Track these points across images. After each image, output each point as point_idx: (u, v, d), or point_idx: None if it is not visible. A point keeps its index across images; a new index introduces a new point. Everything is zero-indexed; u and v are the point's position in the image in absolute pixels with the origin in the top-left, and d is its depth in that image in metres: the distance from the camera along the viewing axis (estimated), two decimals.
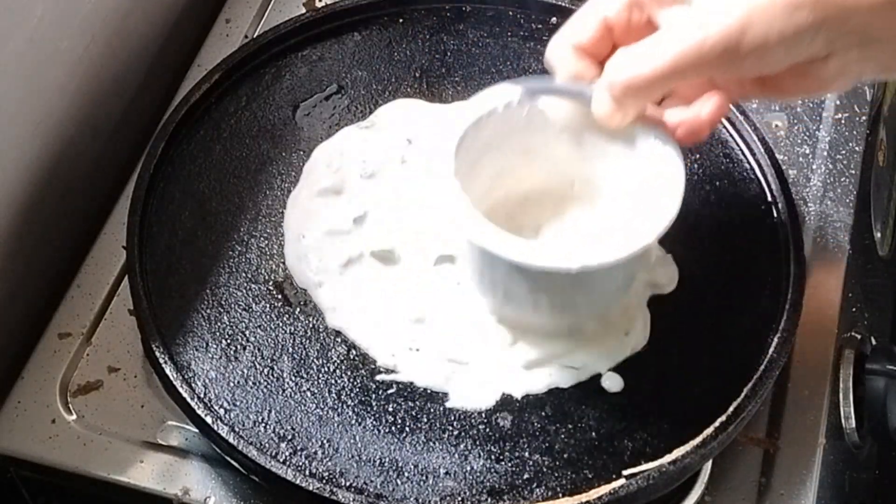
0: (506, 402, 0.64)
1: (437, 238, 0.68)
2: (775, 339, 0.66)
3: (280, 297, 0.68)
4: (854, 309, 0.75)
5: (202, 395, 0.64)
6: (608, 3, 0.59)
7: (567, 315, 0.65)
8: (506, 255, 0.59)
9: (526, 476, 0.62)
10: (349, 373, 0.65)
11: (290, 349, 0.66)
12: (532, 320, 0.65)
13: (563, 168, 0.66)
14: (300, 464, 0.62)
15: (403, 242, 0.69)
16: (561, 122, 0.64)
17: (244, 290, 0.68)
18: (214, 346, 0.66)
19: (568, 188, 0.67)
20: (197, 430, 0.65)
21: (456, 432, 0.63)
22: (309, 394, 0.65)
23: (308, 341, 0.67)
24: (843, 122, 0.80)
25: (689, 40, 0.55)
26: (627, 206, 0.63)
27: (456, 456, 0.63)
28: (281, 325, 0.67)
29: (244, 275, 0.69)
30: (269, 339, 0.67)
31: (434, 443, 0.63)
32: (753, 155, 0.73)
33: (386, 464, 0.62)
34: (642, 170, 0.61)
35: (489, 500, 0.61)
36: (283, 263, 0.69)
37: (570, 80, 0.60)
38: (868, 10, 0.53)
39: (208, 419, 0.62)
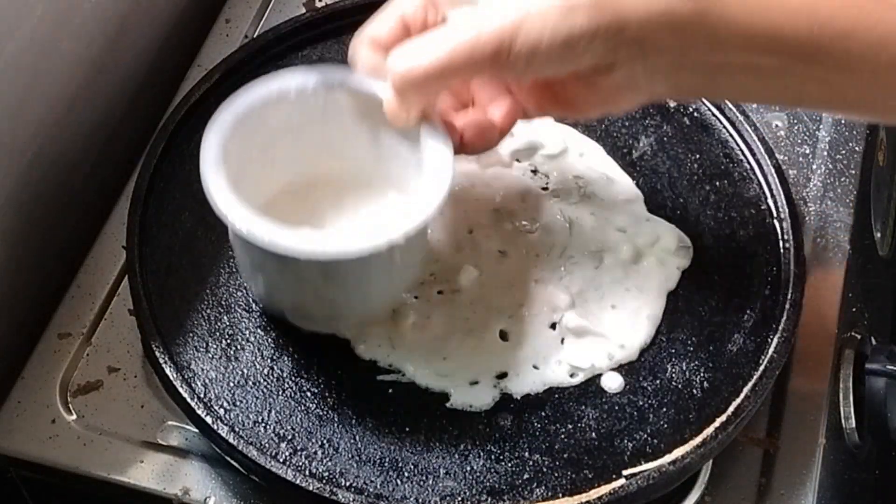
0: (506, 402, 0.64)
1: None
2: (775, 339, 0.66)
3: None
4: (854, 309, 0.75)
5: (202, 395, 0.64)
6: (407, 1, 0.60)
7: (325, 310, 0.65)
8: (248, 235, 0.58)
9: (526, 476, 0.62)
10: (349, 373, 0.65)
11: (290, 349, 0.66)
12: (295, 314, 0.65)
13: (355, 161, 0.66)
14: (300, 464, 0.62)
15: None
16: (358, 116, 0.64)
17: (244, 290, 0.68)
18: (214, 346, 0.66)
19: (363, 181, 0.67)
20: (197, 430, 0.65)
21: (456, 432, 0.63)
22: (309, 394, 0.65)
23: (308, 341, 0.66)
24: (843, 122, 0.80)
25: (464, 37, 0.55)
26: (405, 205, 0.62)
27: (456, 456, 0.63)
28: (281, 325, 0.67)
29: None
30: (269, 339, 0.67)
31: (434, 443, 0.63)
32: (753, 155, 0.73)
33: (386, 464, 0.62)
34: (422, 170, 0.61)
35: (489, 500, 0.61)
36: None
37: (367, 74, 0.61)
38: (644, 20, 0.53)
39: (208, 419, 0.62)
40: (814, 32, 0.53)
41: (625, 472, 0.61)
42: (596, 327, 0.66)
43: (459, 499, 0.61)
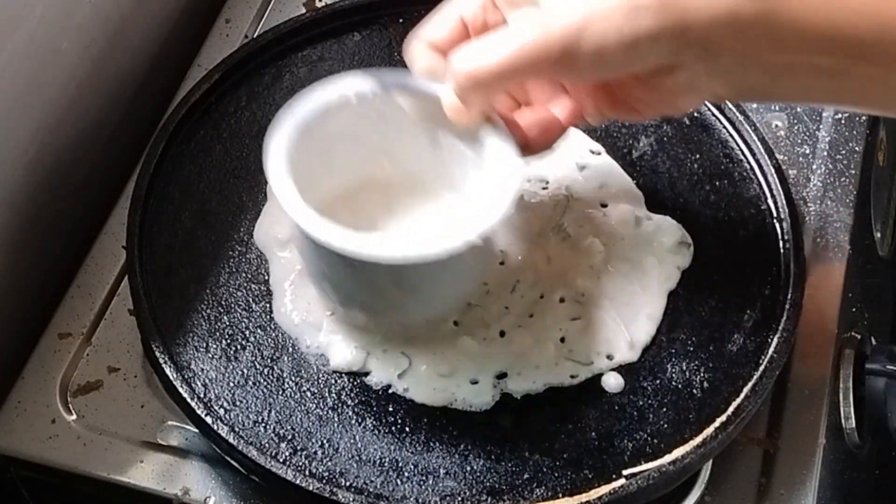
0: (506, 402, 0.64)
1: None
2: (775, 339, 0.66)
3: None
4: (854, 309, 0.75)
5: (202, 395, 0.64)
6: (465, 2, 0.60)
7: (392, 313, 0.65)
8: (325, 241, 0.58)
9: (526, 476, 0.62)
10: (349, 373, 0.65)
11: (290, 349, 0.66)
12: (360, 317, 0.65)
13: (413, 163, 0.66)
14: (300, 464, 0.62)
15: None
16: (416, 119, 0.63)
17: (244, 290, 0.68)
18: (214, 346, 0.66)
19: (417, 184, 0.67)
20: (197, 430, 0.65)
21: (456, 432, 0.63)
22: (309, 394, 0.65)
23: None
24: (843, 122, 0.80)
25: (530, 37, 0.55)
26: (467, 207, 0.62)
27: (456, 456, 0.63)
28: (281, 324, 0.67)
29: (244, 275, 0.69)
30: (269, 339, 0.67)
31: (434, 443, 0.63)
32: (753, 155, 0.73)
33: (386, 464, 0.62)
34: (486, 173, 0.61)
35: (489, 500, 0.61)
36: None
37: (425, 76, 0.61)
38: (709, 23, 0.53)
39: (208, 419, 0.62)
40: (875, 33, 0.53)
41: (625, 472, 0.61)
42: (596, 327, 0.66)
43: (459, 499, 0.61)
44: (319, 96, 0.63)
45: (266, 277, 0.69)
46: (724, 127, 0.75)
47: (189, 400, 0.63)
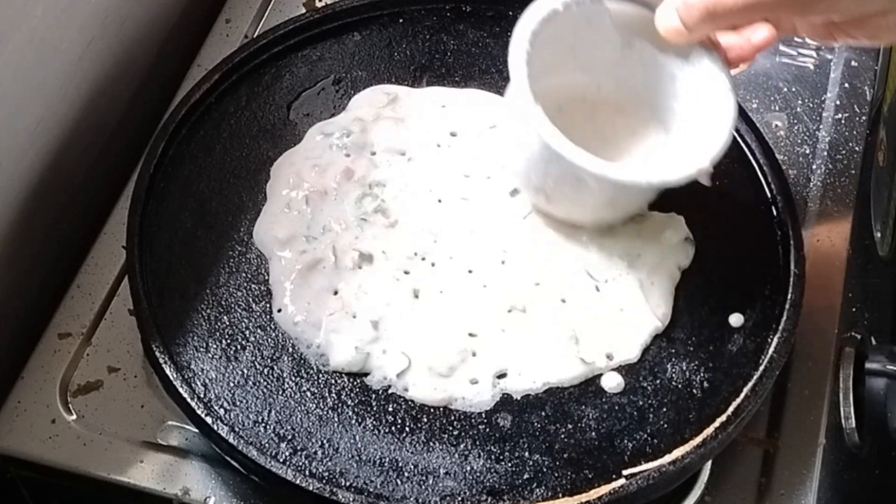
0: (506, 402, 0.64)
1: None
2: (775, 339, 0.66)
3: None
4: (854, 309, 0.75)
5: (202, 395, 0.64)
6: None
7: (606, 212, 0.68)
8: (585, 166, 0.61)
9: (526, 476, 0.62)
10: (349, 373, 0.65)
11: (290, 349, 0.66)
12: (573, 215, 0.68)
13: (607, 73, 0.67)
14: (300, 464, 0.62)
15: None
16: (623, 29, 0.65)
17: (244, 290, 0.68)
18: (214, 346, 0.66)
19: (613, 101, 0.69)
20: (197, 430, 0.65)
21: (456, 432, 0.63)
22: (309, 394, 0.65)
23: None
24: (843, 122, 0.80)
25: None
26: (676, 126, 0.65)
27: (456, 456, 0.63)
28: (281, 325, 0.67)
29: (244, 275, 0.69)
30: (269, 339, 0.67)
31: (434, 443, 0.63)
32: (753, 155, 0.73)
33: (386, 464, 0.62)
34: (689, 89, 0.63)
35: (489, 500, 0.61)
36: None
37: None
38: None
39: (208, 419, 0.62)
40: None
41: (625, 472, 0.61)
42: (597, 326, 0.66)
43: (459, 499, 0.61)
44: (541, 6, 0.64)
45: (266, 277, 0.69)
46: None
47: (189, 400, 0.63)
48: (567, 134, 0.63)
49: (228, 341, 0.66)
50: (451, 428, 0.64)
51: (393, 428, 0.63)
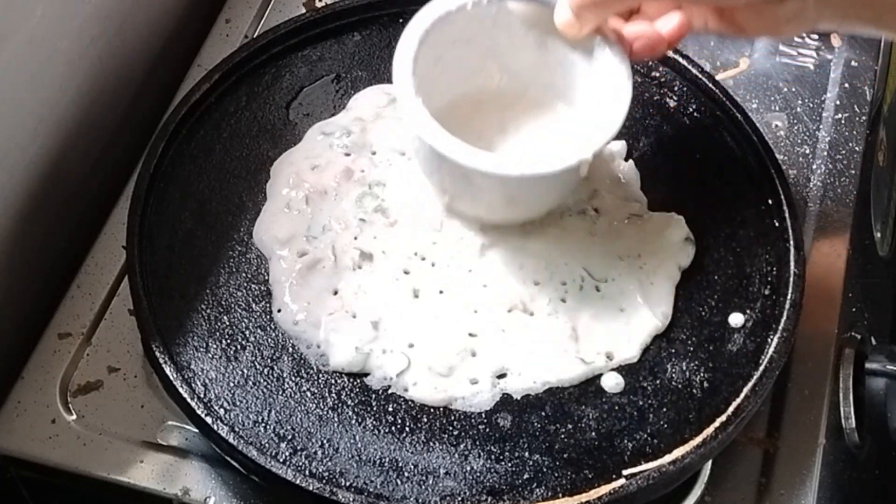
0: (506, 403, 0.64)
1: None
2: (775, 339, 0.66)
3: None
4: (854, 309, 0.75)
5: (202, 395, 0.64)
6: None
7: (511, 210, 0.68)
8: (453, 157, 0.61)
9: (526, 476, 0.62)
10: (349, 373, 0.65)
11: (290, 349, 0.66)
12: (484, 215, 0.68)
13: (522, 71, 0.67)
14: (300, 464, 0.62)
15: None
16: (527, 25, 0.65)
17: (244, 290, 0.68)
18: (214, 346, 0.66)
19: (526, 93, 0.68)
20: (197, 430, 0.65)
21: (456, 432, 0.63)
22: (309, 394, 0.65)
23: None
24: (843, 122, 0.80)
25: None
26: (574, 117, 0.65)
27: (456, 456, 0.63)
28: (281, 325, 0.67)
29: (244, 275, 0.69)
30: (269, 339, 0.67)
31: (434, 443, 0.63)
32: (753, 155, 0.73)
33: (386, 464, 0.62)
34: (594, 82, 0.63)
35: (489, 500, 0.61)
36: None
37: None
38: None
39: (208, 419, 0.62)
40: None
41: (625, 472, 0.61)
42: (597, 326, 0.66)
43: (459, 499, 0.61)
44: (441, 3, 0.65)
45: (266, 277, 0.69)
46: (725, 127, 0.74)
47: (189, 400, 0.63)
48: (477, 133, 0.64)
49: (228, 341, 0.66)
50: (451, 428, 0.64)
51: (393, 428, 0.63)
